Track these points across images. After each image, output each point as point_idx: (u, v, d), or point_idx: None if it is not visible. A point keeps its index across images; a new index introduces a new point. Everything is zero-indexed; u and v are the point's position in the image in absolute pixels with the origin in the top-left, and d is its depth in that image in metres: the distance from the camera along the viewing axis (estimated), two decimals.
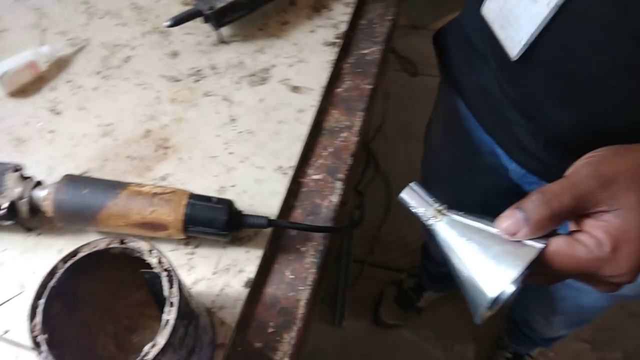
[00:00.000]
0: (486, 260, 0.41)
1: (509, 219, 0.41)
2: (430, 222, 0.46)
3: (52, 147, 0.64)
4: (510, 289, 0.42)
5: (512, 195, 0.92)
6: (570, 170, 0.43)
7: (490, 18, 0.57)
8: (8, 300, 0.53)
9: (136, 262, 0.43)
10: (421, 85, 2.10)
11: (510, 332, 1.48)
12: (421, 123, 1.06)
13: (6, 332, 0.51)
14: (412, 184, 0.48)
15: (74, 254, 0.41)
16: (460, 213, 0.45)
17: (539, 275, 0.44)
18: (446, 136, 1.02)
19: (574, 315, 1.07)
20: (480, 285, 0.41)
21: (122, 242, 0.42)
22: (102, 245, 0.42)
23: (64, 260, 0.41)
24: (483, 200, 1.06)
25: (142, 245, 0.42)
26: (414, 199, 0.47)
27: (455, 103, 0.83)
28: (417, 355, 1.59)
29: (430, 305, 1.64)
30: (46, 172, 0.62)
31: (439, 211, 0.46)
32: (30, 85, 0.68)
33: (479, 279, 0.41)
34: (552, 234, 0.42)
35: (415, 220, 0.49)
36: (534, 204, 0.41)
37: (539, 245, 0.41)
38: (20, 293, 0.54)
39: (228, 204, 0.54)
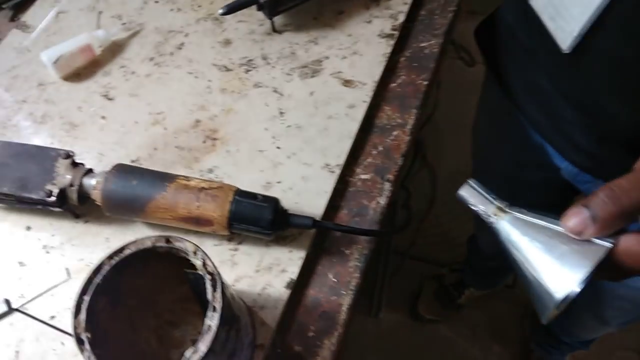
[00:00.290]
0: (552, 261, 0.40)
1: (575, 217, 0.39)
2: (492, 220, 0.45)
3: (103, 133, 0.64)
4: (577, 289, 0.40)
5: (565, 190, 0.89)
6: (638, 164, 0.40)
7: (539, 8, 0.54)
8: (55, 287, 0.54)
9: (181, 259, 0.42)
10: (477, 74, 2.02)
11: (542, 342, 1.43)
12: (473, 115, 1.02)
13: (52, 317, 0.53)
14: (470, 181, 0.47)
15: (120, 250, 0.41)
16: (522, 210, 0.44)
17: (606, 272, 0.42)
18: (492, 131, 0.99)
19: (633, 310, 1.01)
20: (547, 286, 0.40)
21: (167, 241, 0.42)
22: (148, 244, 0.41)
23: (110, 257, 0.41)
24: (535, 196, 1.02)
25: (187, 246, 0.41)
26: (473, 196, 0.46)
27: (501, 99, 0.80)
28: (454, 352, 1.56)
29: (470, 303, 1.60)
30: (96, 159, 0.62)
31: (501, 209, 0.44)
32: (84, 69, 0.69)
33: (545, 280, 0.41)
34: (621, 231, 0.39)
35: (459, 215, 0.49)
36: (602, 201, 0.38)
37: (607, 244, 0.39)
38: (67, 280, 0.55)
39: (274, 202, 0.53)
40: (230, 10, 0.65)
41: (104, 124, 0.65)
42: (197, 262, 0.41)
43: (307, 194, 0.59)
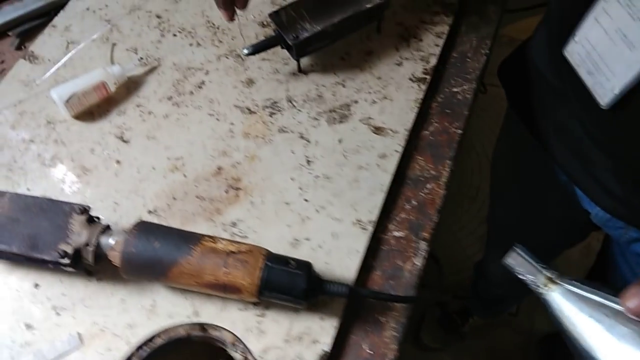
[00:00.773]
0: (612, 341, 0.40)
1: (636, 298, 0.38)
2: (542, 291, 0.44)
3: (118, 179, 0.60)
4: None
5: (587, 228, 0.86)
6: None
7: (575, 61, 0.52)
8: (66, 355, 0.50)
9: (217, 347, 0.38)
10: (488, 100, 1.99)
11: None
12: (479, 137, 0.99)
13: None
14: (517, 248, 0.46)
15: (150, 340, 0.37)
16: (573, 282, 0.43)
17: None
18: (514, 166, 0.97)
19: None
20: None
21: (203, 329, 0.38)
22: (182, 333, 0.37)
23: (139, 347, 0.37)
24: (554, 232, 1.00)
25: (225, 336, 0.38)
26: (521, 265, 0.45)
27: (524, 138, 0.77)
28: None
29: (474, 331, 1.57)
30: (111, 208, 0.58)
31: (551, 279, 0.44)
32: (97, 107, 0.64)
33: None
34: None
35: (463, 242, 0.46)
36: None
37: None
38: (79, 347, 0.50)
39: (307, 269, 0.49)
40: (256, 50, 0.61)
41: (119, 169, 0.60)
42: (237, 356, 0.37)
43: (337, 253, 0.56)
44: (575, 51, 0.52)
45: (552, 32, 0.61)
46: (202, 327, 0.38)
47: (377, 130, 0.63)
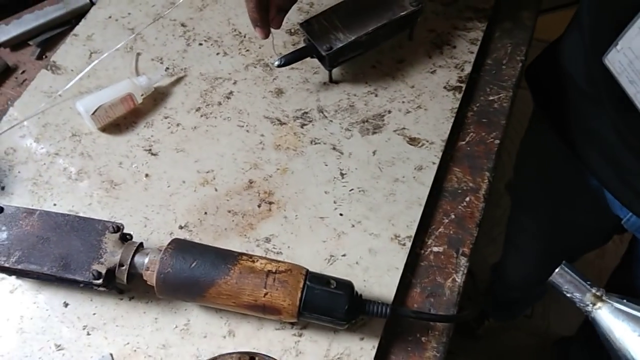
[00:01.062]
0: None
1: None
2: (589, 309, 0.44)
3: (147, 193, 0.58)
4: None
5: (612, 232, 0.84)
6: None
7: (616, 70, 0.50)
8: None
9: None
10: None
11: None
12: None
13: None
14: (563, 266, 0.46)
15: None
16: (620, 300, 0.43)
17: None
18: (541, 170, 0.95)
19: None
20: None
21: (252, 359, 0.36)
22: None
23: None
24: (579, 236, 0.98)
25: None
26: (567, 282, 0.45)
27: (553, 142, 0.75)
28: None
29: (489, 333, 1.55)
30: (141, 224, 0.56)
31: (599, 297, 0.44)
32: (124, 119, 0.63)
33: None
34: None
35: (478, 243, 0.46)
36: None
37: None
38: None
39: (349, 289, 0.48)
40: (287, 62, 0.59)
41: (148, 183, 0.59)
42: None
43: (375, 270, 0.54)
44: (617, 59, 0.51)
45: (588, 39, 0.59)
46: (252, 357, 0.36)
47: (412, 141, 0.61)
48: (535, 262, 1.18)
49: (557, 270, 0.45)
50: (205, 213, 0.57)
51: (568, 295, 0.45)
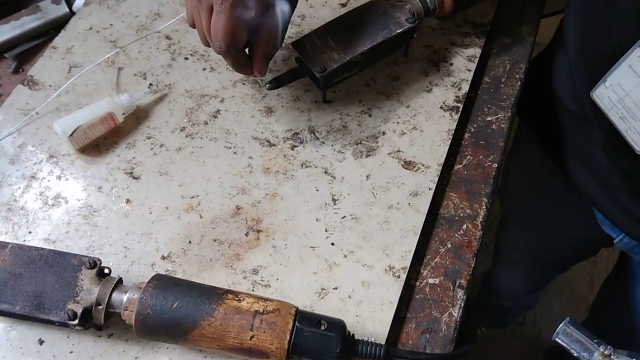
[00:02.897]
0: None
1: None
2: None
3: (128, 220, 0.55)
4: None
5: (601, 245, 0.83)
6: None
7: (605, 105, 0.50)
8: None
9: None
10: None
11: None
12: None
13: None
14: (567, 323, 0.45)
15: None
16: (629, 359, 0.42)
17: None
18: (530, 190, 0.93)
19: None
20: None
21: None
22: None
23: None
24: (567, 250, 0.97)
25: None
26: (574, 342, 0.44)
27: (540, 158, 0.73)
28: None
29: (481, 341, 1.54)
30: (121, 254, 0.53)
31: (607, 356, 0.42)
32: (104, 139, 0.60)
33: None
34: None
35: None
36: None
37: None
38: None
39: (340, 329, 0.45)
40: (278, 84, 0.56)
41: (129, 210, 0.56)
42: None
43: (369, 305, 0.51)
44: (606, 95, 0.50)
45: (576, 72, 0.57)
46: None
47: (407, 164, 0.59)
48: (525, 274, 1.17)
49: (561, 327, 0.44)
50: (190, 242, 0.54)
51: (575, 354, 0.44)
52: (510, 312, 1.45)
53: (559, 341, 0.43)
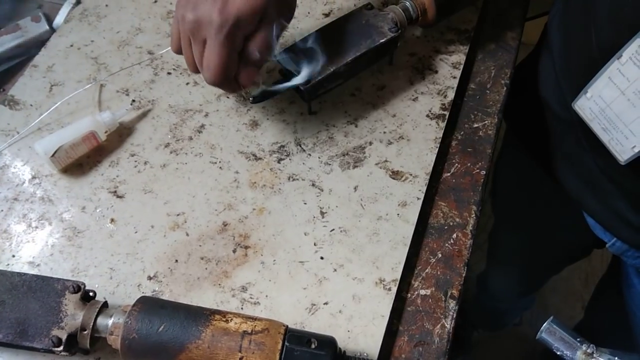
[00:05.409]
0: None
1: None
2: None
3: (113, 240, 0.54)
4: None
5: (597, 247, 0.83)
6: None
7: (587, 116, 0.50)
8: None
9: None
10: None
11: None
12: None
13: None
14: (551, 321, 0.47)
15: None
16: (612, 357, 0.42)
17: None
18: (519, 191, 0.94)
19: None
20: None
21: None
22: None
23: None
24: (559, 251, 0.97)
25: None
26: (557, 340, 0.45)
27: (529, 163, 0.73)
28: None
29: (479, 343, 1.54)
30: (107, 275, 0.52)
31: (590, 354, 0.43)
32: (87, 158, 0.59)
33: None
34: None
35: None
36: None
37: None
38: None
39: (331, 347, 0.44)
40: (263, 98, 0.55)
41: (114, 230, 0.55)
42: None
43: (360, 319, 0.50)
44: (587, 106, 0.50)
45: (562, 78, 0.57)
46: None
47: (395, 174, 0.58)
48: (518, 276, 1.17)
49: (545, 326, 0.43)
50: (176, 261, 0.53)
51: (558, 353, 0.44)
52: (506, 313, 1.45)
53: (543, 339, 0.43)
